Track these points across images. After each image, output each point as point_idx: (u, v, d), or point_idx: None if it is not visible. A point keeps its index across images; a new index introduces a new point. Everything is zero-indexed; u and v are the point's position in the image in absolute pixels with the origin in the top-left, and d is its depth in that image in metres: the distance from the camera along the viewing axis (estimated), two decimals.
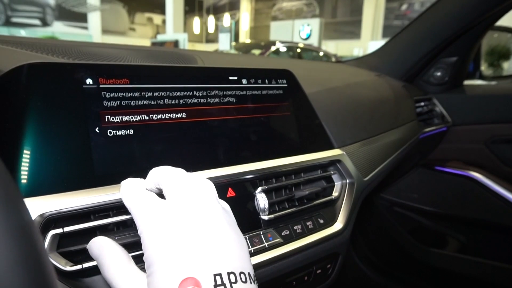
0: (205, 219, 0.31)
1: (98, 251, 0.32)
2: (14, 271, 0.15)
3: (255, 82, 0.54)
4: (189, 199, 0.32)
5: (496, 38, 1.71)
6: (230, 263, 0.30)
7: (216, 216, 0.32)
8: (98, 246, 0.33)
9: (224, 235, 0.31)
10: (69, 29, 11.92)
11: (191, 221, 0.31)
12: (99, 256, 0.32)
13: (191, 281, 0.28)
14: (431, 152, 1.16)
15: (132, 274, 0.31)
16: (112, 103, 0.40)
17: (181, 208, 0.31)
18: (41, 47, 0.51)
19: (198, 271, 0.28)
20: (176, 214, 0.31)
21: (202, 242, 0.30)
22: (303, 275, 0.56)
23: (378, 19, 11.52)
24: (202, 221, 0.31)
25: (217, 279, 0.28)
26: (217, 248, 0.30)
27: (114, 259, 0.32)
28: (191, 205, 0.32)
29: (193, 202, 0.32)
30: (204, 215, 0.31)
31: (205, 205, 0.32)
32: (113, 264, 0.31)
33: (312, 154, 0.57)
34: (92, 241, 0.33)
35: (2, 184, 0.17)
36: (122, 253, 0.32)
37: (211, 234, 0.31)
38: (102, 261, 0.32)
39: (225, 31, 8.20)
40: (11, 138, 0.34)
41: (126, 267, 0.31)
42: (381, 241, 1.21)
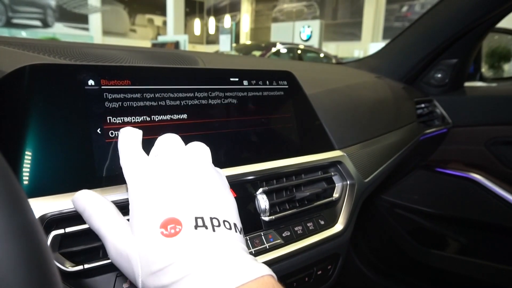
0: (193, 170, 0.32)
1: (83, 203, 0.32)
2: (18, 270, 0.15)
3: (256, 84, 0.54)
4: (180, 155, 0.33)
5: (496, 40, 1.71)
6: (213, 210, 0.30)
7: (205, 171, 0.33)
8: (83, 198, 0.32)
9: (210, 187, 0.32)
10: (70, 30, 11.93)
11: (176, 172, 0.32)
12: (85, 208, 0.31)
13: (172, 221, 0.28)
14: (432, 154, 1.16)
15: (119, 223, 0.31)
16: (114, 104, 0.40)
17: (169, 162, 0.32)
18: (43, 48, 0.51)
19: (179, 212, 0.29)
20: (162, 165, 0.32)
21: (185, 189, 0.30)
22: (303, 276, 0.56)
23: (378, 21, 11.53)
24: (188, 172, 0.32)
25: (198, 221, 0.29)
26: (201, 196, 0.31)
27: (100, 210, 0.31)
28: (180, 161, 0.33)
29: (183, 158, 0.33)
30: (192, 168, 0.32)
31: (196, 161, 0.33)
32: (100, 214, 0.31)
33: (312, 156, 0.57)
34: (77, 194, 0.32)
35: (6, 184, 0.17)
36: (108, 203, 0.32)
37: (195, 183, 0.31)
38: (89, 212, 0.31)
39: (226, 32, 8.21)
40: (13, 139, 0.35)
41: (113, 216, 0.31)
42: (381, 242, 1.21)
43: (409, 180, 1.15)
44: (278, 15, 14.13)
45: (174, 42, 9.54)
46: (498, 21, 1.04)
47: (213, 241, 0.28)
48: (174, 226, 0.28)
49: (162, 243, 0.27)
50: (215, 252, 0.28)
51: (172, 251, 0.27)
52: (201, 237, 0.28)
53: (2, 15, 10.58)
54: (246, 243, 0.47)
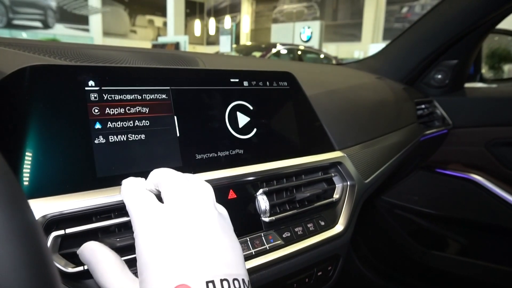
0: (200, 225, 0.31)
1: (89, 257, 0.32)
2: (18, 271, 0.15)
3: (256, 84, 0.54)
4: (186, 204, 0.32)
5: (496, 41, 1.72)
6: (223, 269, 0.30)
7: (211, 222, 0.32)
8: (89, 251, 0.32)
9: (218, 241, 0.31)
10: (70, 31, 11.94)
11: (186, 227, 0.31)
12: (91, 261, 0.31)
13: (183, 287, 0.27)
14: (432, 155, 1.16)
15: (126, 280, 0.30)
16: (114, 105, 0.40)
17: (177, 213, 0.31)
18: (43, 49, 0.51)
19: (191, 278, 0.28)
20: (171, 219, 0.31)
21: (196, 248, 0.30)
22: (304, 277, 0.56)
23: (378, 22, 11.53)
24: (197, 227, 0.31)
25: (209, 286, 0.28)
26: (211, 254, 0.30)
27: (106, 265, 0.31)
28: (186, 211, 0.32)
29: (189, 207, 0.32)
30: (199, 221, 0.31)
31: (201, 211, 0.32)
32: (106, 270, 0.31)
33: (313, 156, 0.57)
34: (83, 246, 0.32)
35: (6, 185, 0.17)
36: (114, 258, 0.32)
37: (204, 240, 0.30)
38: (94, 267, 0.31)
39: (226, 33, 8.22)
40: (14, 139, 0.35)
41: (119, 273, 0.31)
42: (382, 243, 1.21)
43: (409, 181, 1.14)
44: (278, 16, 14.14)
45: (175, 43, 9.55)
46: (498, 22, 1.05)
47: None
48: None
49: None
50: None
51: None
52: None
53: (2, 16, 10.60)
54: (246, 243, 0.47)
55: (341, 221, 0.59)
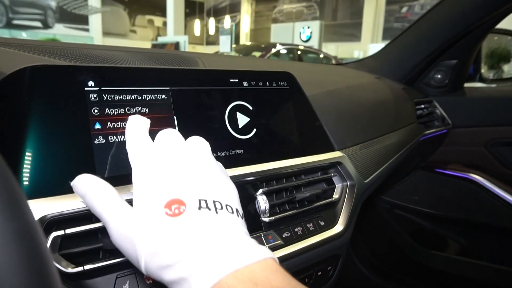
0: (195, 157, 0.33)
1: (84, 188, 0.31)
2: (18, 272, 0.15)
3: (256, 85, 0.54)
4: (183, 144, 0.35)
5: (496, 41, 1.71)
6: (216, 194, 0.31)
7: (207, 159, 0.34)
8: (84, 183, 0.32)
9: (213, 174, 0.33)
10: (70, 31, 11.94)
11: (180, 158, 0.32)
12: (86, 193, 0.31)
13: (176, 201, 0.29)
14: (431, 155, 1.16)
15: (121, 206, 0.31)
16: (114, 105, 0.40)
17: (174, 148, 0.33)
18: (43, 50, 0.51)
19: (183, 194, 0.29)
20: (167, 152, 0.33)
21: (189, 173, 0.31)
22: (303, 277, 0.56)
23: (378, 22, 11.53)
24: (192, 157, 0.33)
25: (201, 203, 0.29)
26: (204, 180, 0.31)
27: (102, 194, 0.31)
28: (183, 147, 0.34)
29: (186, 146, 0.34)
30: (195, 155, 0.33)
31: (198, 150, 0.35)
32: (102, 199, 0.31)
33: (312, 156, 0.57)
34: (77, 178, 0.32)
35: (6, 186, 0.17)
36: (109, 187, 0.32)
37: (199, 169, 0.32)
38: (90, 197, 0.31)
39: (226, 33, 8.21)
40: (14, 140, 0.35)
41: (115, 200, 0.31)
42: (381, 243, 1.21)
43: (409, 181, 1.15)
44: (278, 15, 14.14)
45: (174, 43, 9.55)
46: (497, 22, 1.05)
47: (216, 222, 0.29)
48: (178, 207, 0.28)
49: (166, 223, 0.28)
50: (218, 233, 0.28)
51: (175, 231, 0.27)
52: (204, 218, 0.28)
53: (2, 16, 10.59)
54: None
55: (341, 221, 0.59)
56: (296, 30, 10.41)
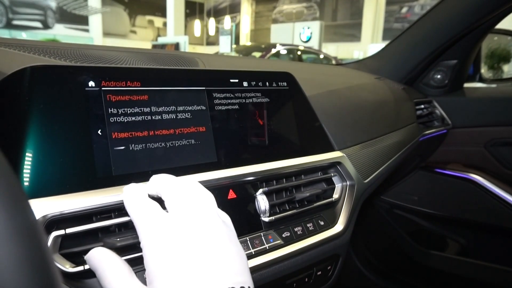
0: (206, 234, 0.31)
1: (97, 263, 0.31)
2: (19, 271, 0.16)
3: (256, 85, 0.54)
4: (190, 213, 0.32)
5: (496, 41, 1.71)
6: (231, 277, 0.30)
7: (216, 231, 0.32)
8: (97, 258, 0.32)
9: (225, 249, 0.31)
10: (70, 31, 11.94)
11: (192, 236, 0.31)
12: (98, 268, 0.31)
13: None
14: (431, 155, 1.16)
15: None
16: (114, 106, 0.40)
17: (182, 222, 0.31)
18: (43, 50, 0.51)
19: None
20: (176, 229, 0.31)
21: (203, 257, 0.30)
22: (303, 276, 0.56)
23: (378, 22, 11.53)
24: (203, 236, 0.31)
25: None
26: (218, 263, 0.30)
27: (114, 272, 0.31)
28: (191, 220, 0.32)
29: (193, 216, 0.32)
30: (204, 230, 0.31)
31: (206, 220, 0.32)
32: (114, 277, 0.30)
33: (312, 156, 0.57)
34: (91, 252, 0.32)
35: (7, 185, 0.17)
36: (122, 265, 0.32)
37: (211, 249, 0.31)
38: (102, 273, 0.31)
39: (226, 33, 8.22)
40: (14, 140, 0.35)
41: (127, 281, 0.30)
42: (381, 243, 1.21)
43: (409, 181, 1.15)
44: (278, 16, 14.14)
45: (174, 43, 9.54)
46: (497, 22, 1.05)
47: None
48: None
49: None
50: None
51: None
52: None
53: (2, 16, 10.59)
54: (246, 243, 0.47)
55: (341, 221, 0.59)
56: (296, 30, 10.41)
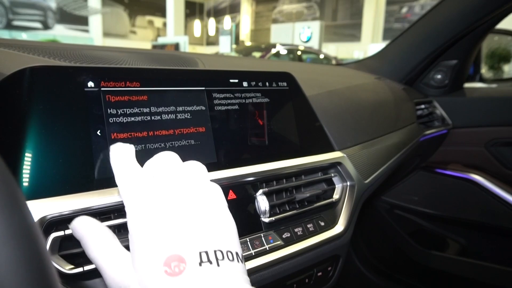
0: (191, 198, 0.31)
1: (82, 231, 0.31)
2: (17, 273, 0.15)
3: (256, 85, 0.54)
4: (176, 177, 0.32)
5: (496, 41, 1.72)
6: (216, 241, 0.29)
7: (203, 196, 0.32)
8: (81, 226, 0.31)
9: (210, 214, 0.31)
10: (70, 32, 11.95)
11: (176, 199, 0.30)
12: (83, 236, 0.31)
13: (175, 258, 0.27)
14: (432, 155, 1.16)
15: (118, 254, 0.30)
16: (114, 106, 0.40)
17: (167, 186, 0.31)
18: (43, 51, 0.51)
19: (183, 248, 0.28)
20: (161, 192, 0.31)
21: (188, 220, 0.30)
22: (304, 277, 0.56)
23: (378, 22, 11.54)
24: (188, 199, 0.31)
25: (202, 256, 0.28)
26: (203, 227, 0.30)
27: (99, 239, 0.30)
28: (177, 184, 0.32)
29: (180, 180, 0.32)
30: (190, 194, 0.31)
31: (193, 185, 0.32)
32: (98, 244, 0.30)
33: (312, 157, 0.57)
34: (75, 221, 0.31)
35: (5, 186, 0.17)
36: (107, 232, 0.31)
37: (197, 213, 0.30)
38: (87, 241, 0.31)
39: (226, 33, 8.22)
40: (13, 140, 0.35)
41: (111, 246, 0.30)
42: (381, 243, 1.21)
43: (409, 181, 1.14)
44: (278, 16, 14.15)
45: (174, 43, 9.55)
46: (497, 22, 1.05)
47: (218, 277, 0.27)
48: (178, 264, 0.27)
49: (165, 283, 0.27)
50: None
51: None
52: (205, 274, 0.27)
53: (2, 17, 10.61)
54: (246, 244, 0.47)
55: (341, 221, 0.59)
56: (296, 30, 10.41)
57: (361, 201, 0.66)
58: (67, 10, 11.87)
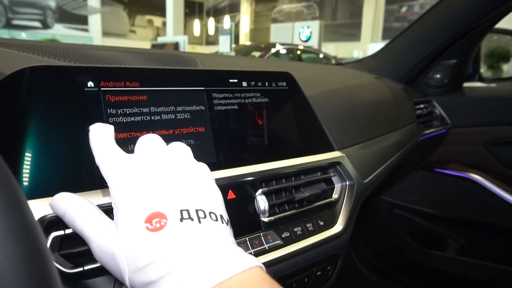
0: (174, 164, 0.32)
1: (63, 206, 0.31)
2: (18, 272, 0.16)
3: (255, 85, 0.54)
4: (160, 154, 0.33)
5: (495, 41, 1.72)
6: (198, 202, 0.30)
7: (187, 165, 0.33)
8: (62, 201, 0.31)
9: (195, 180, 0.32)
10: (69, 31, 11.94)
11: (159, 167, 0.31)
12: (65, 211, 0.31)
13: (156, 215, 0.28)
14: (431, 154, 1.16)
15: (103, 222, 0.30)
16: (113, 106, 0.40)
17: (150, 158, 0.32)
18: (43, 50, 0.51)
19: (164, 206, 0.28)
20: (144, 160, 0.32)
21: (169, 182, 0.30)
22: (303, 277, 0.56)
23: (377, 21, 11.53)
24: (170, 165, 0.32)
25: (183, 213, 0.28)
26: (186, 189, 0.30)
27: (81, 211, 0.31)
28: (161, 154, 0.32)
29: (164, 152, 0.33)
30: (174, 162, 0.32)
31: (177, 156, 0.33)
32: (82, 216, 0.30)
33: (312, 156, 0.57)
34: (55, 197, 0.32)
35: (6, 185, 0.17)
36: (88, 204, 0.31)
37: (179, 177, 0.31)
38: (70, 215, 0.30)
39: (225, 33, 8.21)
40: (13, 140, 0.35)
41: (95, 216, 0.30)
42: (381, 243, 1.21)
43: (409, 180, 1.15)
44: (278, 15, 14.14)
45: (174, 43, 9.54)
46: (497, 21, 1.05)
47: (199, 233, 0.28)
48: (159, 220, 0.28)
49: (147, 238, 0.27)
50: (202, 244, 0.27)
51: (157, 246, 0.27)
52: (187, 229, 0.28)
53: (2, 16, 10.59)
54: (245, 243, 0.47)
55: (340, 221, 0.59)
56: (296, 30, 10.40)
57: (360, 201, 0.66)
58: (66, 9, 11.85)
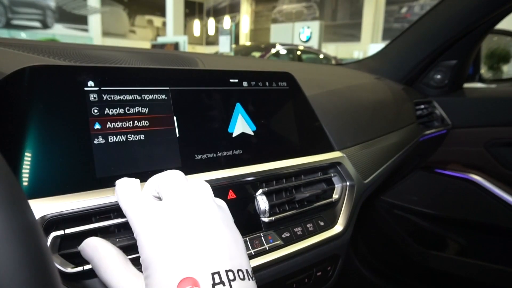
0: (200, 218, 0.31)
1: (91, 253, 0.31)
2: (19, 271, 0.15)
3: (255, 85, 0.54)
4: (184, 199, 0.32)
5: (495, 41, 1.72)
6: (227, 261, 0.30)
7: (211, 215, 0.32)
8: (91, 247, 0.32)
9: (220, 233, 0.31)
10: (69, 31, 11.94)
11: (186, 221, 0.31)
12: (93, 258, 0.31)
13: (189, 281, 0.28)
14: (431, 155, 1.16)
15: (130, 276, 0.30)
16: (113, 105, 0.40)
17: (176, 208, 0.31)
18: (42, 50, 0.51)
19: (196, 271, 0.28)
20: (170, 214, 0.31)
21: (198, 241, 0.30)
22: (303, 277, 0.56)
23: (378, 22, 11.54)
24: (197, 220, 0.31)
25: (215, 278, 0.28)
26: (214, 246, 0.30)
27: (110, 261, 0.31)
28: (186, 205, 0.32)
29: (188, 202, 0.32)
30: (199, 215, 0.32)
31: (200, 205, 0.32)
32: (110, 266, 0.30)
33: (312, 157, 0.57)
34: (84, 242, 0.32)
35: (6, 185, 0.17)
36: (117, 253, 0.32)
37: (207, 233, 0.31)
38: (98, 263, 0.31)
39: (225, 33, 8.21)
40: (13, 140, 0.35)
41: (123, 268, 0.31)
42: (381, 243, 1.21)
43: (409, 181, 1.15)
44: (278, 16, 14.14)
45: (174, 43, 9.54)
46: (497, 22, 1.05)
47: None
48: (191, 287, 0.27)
49: None
50: None
51: None
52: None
53: (1, 16, 10.58)
54: (246, 244, 0.47)
55: (341, 221, 0.59)
56: (296, 30, 10.40)
57: (360, 201, 0.66)
58: (66, 9, 11.85)
